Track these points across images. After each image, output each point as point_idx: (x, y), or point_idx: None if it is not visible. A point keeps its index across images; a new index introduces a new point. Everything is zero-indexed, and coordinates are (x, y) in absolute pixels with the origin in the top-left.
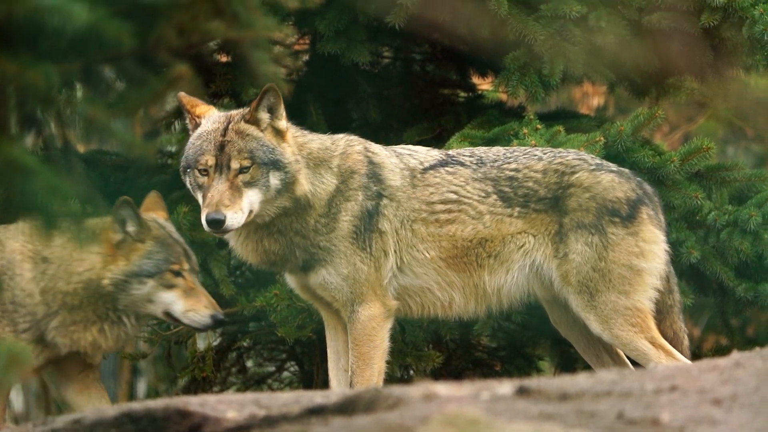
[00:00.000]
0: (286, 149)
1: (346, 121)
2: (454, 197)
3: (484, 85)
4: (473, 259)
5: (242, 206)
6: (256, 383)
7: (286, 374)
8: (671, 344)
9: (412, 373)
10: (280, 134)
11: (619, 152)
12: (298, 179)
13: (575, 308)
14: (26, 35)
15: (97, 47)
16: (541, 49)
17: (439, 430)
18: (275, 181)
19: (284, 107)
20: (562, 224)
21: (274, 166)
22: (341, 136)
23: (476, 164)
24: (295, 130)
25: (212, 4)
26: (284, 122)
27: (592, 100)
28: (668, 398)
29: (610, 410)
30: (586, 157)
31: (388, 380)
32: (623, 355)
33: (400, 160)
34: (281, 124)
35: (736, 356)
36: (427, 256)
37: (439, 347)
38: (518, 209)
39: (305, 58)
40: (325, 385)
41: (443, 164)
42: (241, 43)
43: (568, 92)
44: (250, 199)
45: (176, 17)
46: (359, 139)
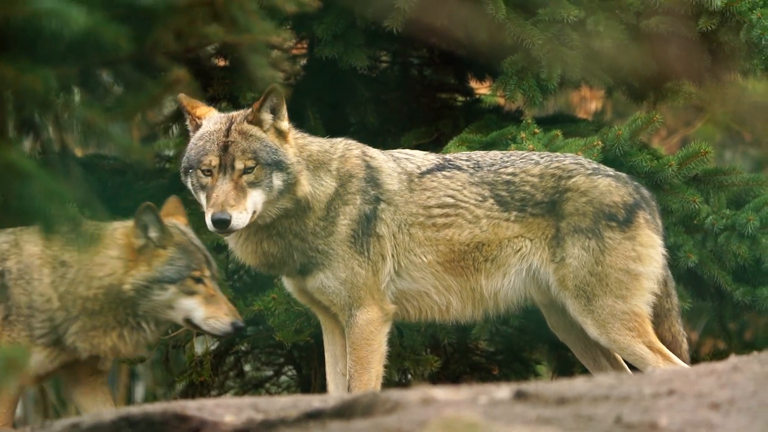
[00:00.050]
0: (288, 150)
1: (343, 125)
2: (451, 201)
3: (481, 89)
4: (470, 263)
5: (247, 206)
6: (253, 387)
7: (284, 378)
8: (670, 348)
9: (409, 377)
10: (282, 135)
11: (616, 156)
12: (299, 180)
13: (572, 312)
14: (24, 39)
15: (94, 51)
16: (538, 53)
17: None
18: (278, 181)
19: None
20: (559, 228)
21: (277, 166)
22: (339, 139)
23: (473, 168)
24: (295, 132)
25: (210, 8)
26: (286, 123)
27: (589, 104)
28: (666, 402)
29: (608, 414)
30: (583, 161)
31: (385, 384)
32: (621, 359)
33: (397, 164)
34: (284, 125)
35: (733, 360)
36: (424, 260)
37: (437, 351)
38: (515, 213)
39: (303, 62)
40: (323, 389)
41: (440, 168)
42: (238, 47)
43: (565, 96)
44: (254, 199)
45: (174, 21)
46: (357, 143)
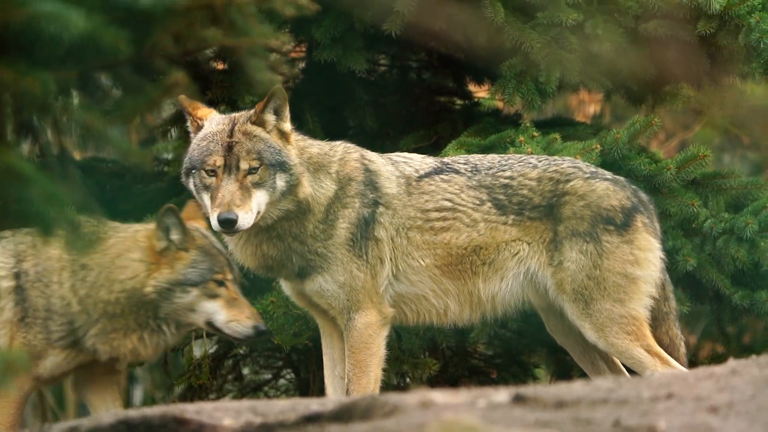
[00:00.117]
0: (291, 151)
1: (342, 128)
2: (448, 205)
3: (480, 92)
4: (468, 266)
5: (252, 207)
6: (252, 391)
7: (282, 382)
8: (667, 352)
9: (408, 380)
10: (285, 136)
11: (615, 160)
12: (301, 182)
13: (570, 316)
14: (23, 42)
15: (93, 55)
16: (537, 56)
17: None
18: (281, 182)
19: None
20: (556, 232)
21: (280, 167)
22: (338, 143)
23: (471, 172)
24: (295, 134)
25: (209, 11)
26: (289, 125)
27: (588, 107)
28: (665, 406)
29: (606, 418)
30: (580, 165)
31: (384, 388)
32: (619, 362)
33: (395, 167)
34: (286, 126)
35: (732, 364)
36: (422, 263)
37: (435, 355)
38: (513, 217)
39: (301, 65)
40: (321, 392)
41: (438, 172)
42: (237, 50)
43: (564, 100)
44: (258, 200)
45: (173, 25)
46: (356, 146)
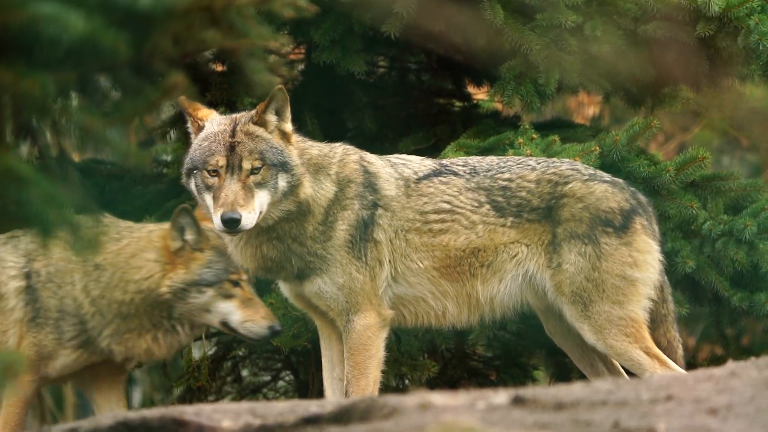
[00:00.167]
0: (292, 152)
1: (341, 130)
2: (447, 207)
3: (479, 94)
4: (466, 268)
5: (254, 206)
6: (251, 392)
7: (281, 383)
8: (665, 354)
9: (407, 382)
10: (286, 137)
11: (614, 162)
12: (303, 182)
13: (569, 318)
14: (22, 44)
15: (93, 56)
16: (536, 58)
17: None
18: (283, 183)
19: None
20: (555, 234)
21: (282, 168)
22: (338, 144)
23: (469, 174)
24: (296, 135)
25: (208, 13)
26: (290, 125)
27: (587, 109)
28: (664, 408)
29: (605, 420)
30: (579, 167)
31: (383, 389)
32: (618, 364)
33: (394, 169)
34: (288, 127)
35: (731, 366)
36: (420, 265)
37: (434, 357)
38: (511, 219)
39: (300, 67)
40: (320, 394)
41: (437, 174)
42: (236, 52)
43: (563, 102)
44: (260, 200)
45: (172, 26)
46: (355, 148)
